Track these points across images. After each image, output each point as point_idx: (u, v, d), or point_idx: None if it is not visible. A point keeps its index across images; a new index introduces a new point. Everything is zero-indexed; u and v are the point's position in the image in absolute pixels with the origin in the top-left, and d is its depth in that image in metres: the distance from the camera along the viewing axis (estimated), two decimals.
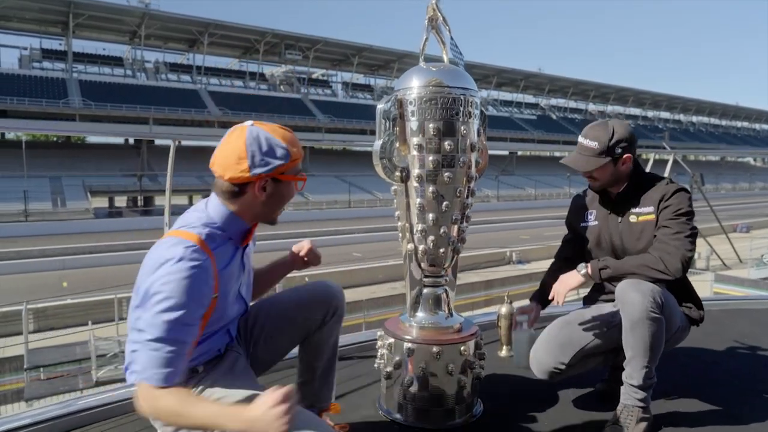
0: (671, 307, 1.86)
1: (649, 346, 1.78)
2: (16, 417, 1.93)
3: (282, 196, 1.46)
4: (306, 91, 55.13)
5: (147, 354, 1.25)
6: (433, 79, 1.90)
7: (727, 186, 70.52)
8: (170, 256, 1.28)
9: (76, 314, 14.48)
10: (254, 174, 1.37)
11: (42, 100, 38.18)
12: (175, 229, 1.39)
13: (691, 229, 1.88)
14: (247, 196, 1.41)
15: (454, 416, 1.99)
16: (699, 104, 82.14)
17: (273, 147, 1.38)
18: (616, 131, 1.94)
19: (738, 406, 2.14)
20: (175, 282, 1.26)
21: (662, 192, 1.95)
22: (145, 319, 1.26)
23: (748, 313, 3.63)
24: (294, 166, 1.44)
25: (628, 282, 1.82)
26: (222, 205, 1.42)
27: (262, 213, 1.46)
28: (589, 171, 1.99)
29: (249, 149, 1.36)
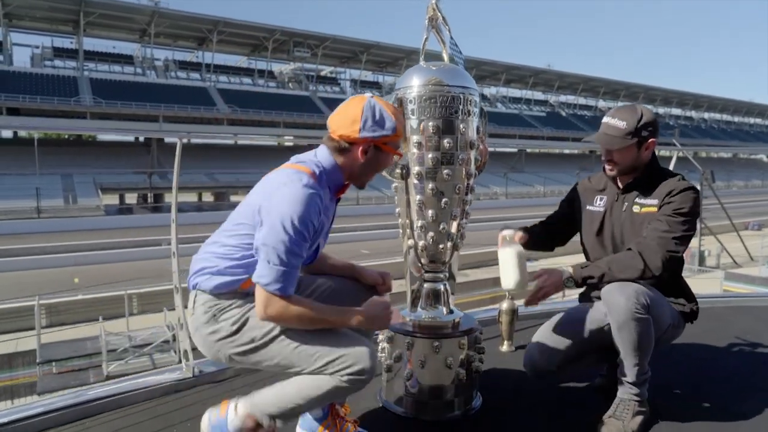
0: (658, 306, 1.85)
1: (637, 345, 1.80)
2: (28, 406, 2.00)
3: (378, 164, 1.67)
4: (314, 88, 55.19)
5: (274, 270, 1.44)
6: (433, 78, 1.94)
7: (739, 183, 69.72)
8: (293, 180, 1.50)
9: (87, 310, 14.66)
10: (362, 136, 1.59)
11: (54, 98, 38.53)
12: (290, 163, 1.60)
13: (684, 230, 1.86)
14: (351, 154, 1.62)
15: (453, 408, 2.03)
16: (711, 101, 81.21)
17: (384, 118, 1.60)
18: (645, 114, 1.94)
19: (734, 402, 2.16)
20: (298, 203, 1.45)
21: (671, 187, 1.93)
22: (272, 237, 1.44)
23: (752, 310, 3.63)
24: (396, 141, 1.66)
25: (614, 284, 1.82)
26: (330, 156, 1.63)
27: (357, 174, 1.66)
28: (615, 149, 1.95)
29: (364, 114, 1.58)
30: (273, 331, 1.52)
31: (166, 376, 2.32)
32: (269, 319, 1.48)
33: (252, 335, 1.52)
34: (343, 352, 1.47)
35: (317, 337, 1.51)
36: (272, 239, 1.44)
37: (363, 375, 1.47)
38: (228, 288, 1.55)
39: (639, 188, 2.00)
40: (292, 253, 1.45)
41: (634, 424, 1.87)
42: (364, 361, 1.47)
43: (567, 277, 1.86)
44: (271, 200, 1.48)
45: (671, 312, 1.96)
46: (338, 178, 1.64)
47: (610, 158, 1.99)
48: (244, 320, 1.54)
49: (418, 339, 1.99)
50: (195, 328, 1.59)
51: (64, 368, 11.32)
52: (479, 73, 59.88)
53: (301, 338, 1.50)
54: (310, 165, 1.58)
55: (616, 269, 1.84)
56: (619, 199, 2.04)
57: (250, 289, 1.54)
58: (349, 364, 1.46)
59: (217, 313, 1.55)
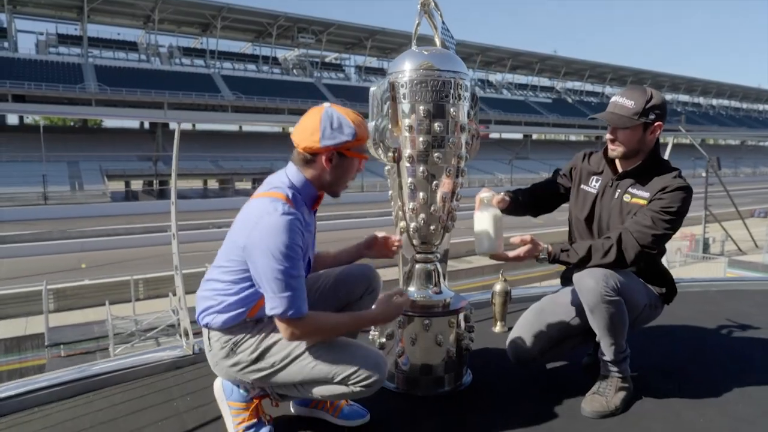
0: (630, 287, 1.89)
1: (611, 326, 1.85)
2: (35, 380, 2.08)
3: (345, 170, 1.69)
4: (319, 74, 54.99)
5: (281, 298, 1.52)
6: (425, 62, 1.97)
7: (746, 170, 69.18)
8: (269, 211, 1.54)
9: (94, 294, 14.85)
10: (324, 145, 1.61)
11: (59, 85, 38.60)
12: (263, 191, 1.64)
13: (665, 229, 1.86)
14: (317, 165, 1.66)
15: (444, 384, 2.10)
16: (719, 87, 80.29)
17: (342, 125, 1.63)
18: (654, 96, 1.91)
19: (718, 380, 2.21)
20: (280, 233, 1.50)
21: (666, 184, 1.90)
22: (267, 271, 1.51)
23: (745, 293, 3.67)
24: (358, 146, 1.68)
25: (584, 270, 1.86)
26: (298, 172, 1.67)
27: (328, 183, 1.70)
28: (620, 129, 1.92)
29: (322, 124, 1.61)
30: (291, 354, 1.62)
31: (167, 353, 2.40)
32: (297, 340, 1.61)
33: (272, 361, 1.63)
34: (357, 366, 1.59)
35: (333, 355, 1.61)
36: (268, 273, 1.51)
37: (375, 385, 1.62)
38: (236, 321, 1.65)
39: (635, 177, 1.99)
40: (291, 277, 1.52)
41: (617, 400, 1.93)
42: (376, 373, 1.61)
43: (544, 256, 1.89)
44: (253, 236, 1.53)
45: (647, 293, 1.99)
46: (311, 192, 1.69)
47: (614, 138, 1.96)
48: (261, 349, 1.64)
49: (409, 317, 2.05)
50: (215, 363, 1.70)
51: (73, 351, 11.52)
52: (485, 59, 59.41)
53: (318, 357, 1.61)
54: (282, 190, 1.62)
55: (592, 257, 1.86)
56: (613, 185, 2.04)
57: (257, 315, 1.65)
58: (364, 376, 1.59)
59: (234, 347, 1.65)
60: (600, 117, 1.96)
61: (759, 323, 2.95)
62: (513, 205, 2.12)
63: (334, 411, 1.85)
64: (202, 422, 1.86)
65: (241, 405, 1.74)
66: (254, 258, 1.53)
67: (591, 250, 1.86)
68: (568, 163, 2.23)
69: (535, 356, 2.07)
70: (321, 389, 1.63)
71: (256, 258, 1.53)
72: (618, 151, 1.97)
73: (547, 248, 1.89)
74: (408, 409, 1.98)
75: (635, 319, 1.95)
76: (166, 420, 1.88)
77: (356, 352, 1.63)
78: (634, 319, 1.94)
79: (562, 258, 1.89)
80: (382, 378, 1.64)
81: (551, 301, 2.16)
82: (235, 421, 1.73)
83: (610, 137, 1.97)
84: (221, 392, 1.76)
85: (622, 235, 1.86)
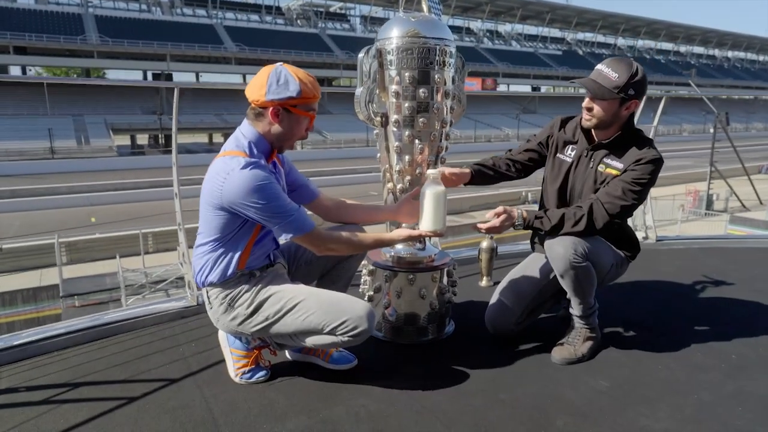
0: (598, 251, 2.01)
1: (579, 288, 2.00)
2: (52, 327, 2.28)
3: (292, 127, 1.78)
4: (323, 25, 53.69)
5: (284, 225, 1.70)
6: (411, 29, 2.05)
7: (758, 125, 67.91)
8: (233, 167, 1.66)
9: (105, 248, 15.22)
10: (269, 99, 1.71)
11: (59, 36, 38.06)
12: (222, 152, 1.75)
13: (634, 199, 1.96)
14: (266, 119, 1.76)
15: (427, 334, 2.28)
16: (735, 38, 77.80)
17: (288, 82, 1.71)
18: (638, 72, 1.93)
19: (682, 333, 2.38)
20: (251, 179, 1.63)
21: (640, 156, 1.98)
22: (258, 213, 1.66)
23: (724, 251, 3.81)
24: (304, 103, 1.75)
25: (554, 238, 1.99)
26: (251, 127, 1.78)
27: (276, 138, 1.79)
28: (599, 99, 1.96)
29: (269, 80, 1.71)
30: (285, 307, 1.77)
31: (173, 304, 2.59)
32: (326, 250, 1.83)
33: (266, 314, 1.78)
34: (345, 317, 1.72)
35: (323, 307, 1.75)
36: (263, 214, 1.67)
37: (362, 335, 1.75)
38: (228, 276, 1.80)
39: (609, 147, 2.05)
40: (283, 207, 1.68)
41: (584, 349, 2.10)
42: (363, 323, 1.73)
43: (519, 222, 2.02)
44: (228, 195, 1.65)
45: (613, 254, 2.13)
46: (264, 145, 1.78)
47: (590, 108, 2.00)
48: (257, 303, 1.79)
49: (395, 272, 2.21)
50: (216, 319, 1.87)
51: (86, 302, 11.95)
52: (494, 9, 57.61)
53: (309, 310, 1.75)
54: (240, 147, 1.74)
55: (564, 225, 1.98)
56: (588, 154, 2.10)
57: (247, 266, 1.81)
58: (352, 326, 1.73)
59: (231, 302, 1.81)
60: (580, 83, 2.00)
61: (733, 279, 3.09)
62: (479, 177, 2.23)
63: (324, 356, 2.02)
64: (206, 365, 2.05)
65: (242, 353, 1.92)
66: (244, 211, 1.67)
67: (563, 219, 1.99)
68: (544, 131, 2.29)
69: (512, 327, 2.22)
70: (313, 339, 1.79)
71: (245, 210, 1.67)
72: (592, 121, 2.03)
73: (522, 214, 2.01)
74: (393, 356, 2.16)
75: (603, 279, 2.11)
76: (174, 363, 2.07)
77: (345, 305, 1.76)
78: (602, 279, 2.10)
79: (536, 224, 2.02)
80: (369, 328, 1.76)
81: (522, 273, 2.29)
82: (235, 366, 1.93)
83: (587, 106, 2.01)
84: (225, 340, 1.95)
85: (593, 205, 1.97)
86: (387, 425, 1.66)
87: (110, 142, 34.86)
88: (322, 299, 1.79)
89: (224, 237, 1.77)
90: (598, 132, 2.08)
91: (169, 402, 1.80)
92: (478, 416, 1.71)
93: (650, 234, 3.84)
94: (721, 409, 1.77)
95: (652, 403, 1.80)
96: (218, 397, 1.82)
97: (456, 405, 1.78)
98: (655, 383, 1.93)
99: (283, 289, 1.81)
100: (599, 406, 1.78)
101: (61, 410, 1.75)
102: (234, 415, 1.72)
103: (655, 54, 75.60)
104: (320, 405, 1.78)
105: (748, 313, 2.62)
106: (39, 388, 1.89)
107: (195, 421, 1.68)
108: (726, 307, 2.72)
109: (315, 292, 1.83)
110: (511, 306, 2.21)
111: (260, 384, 1.91)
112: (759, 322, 2.48)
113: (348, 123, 42.12)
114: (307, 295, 1.79)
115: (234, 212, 1.70)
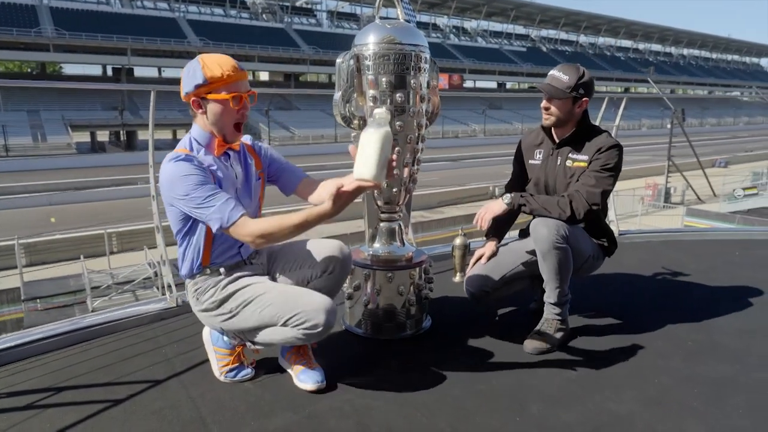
0: (578, 238, 2.20)
1: (558, 270, 2.14)
2: (31, 332, 2.27)
3: (216, 113, 1.75)
4: (289, 20, 53.10)
5: (211, 216, 1.67)
6: (388, 35, 2.11)
7: (712, 121, 70.69)
8: (163, 163, 1.71)
9: (68, 249, 14.78)
10: (185, 93, 1.74)
11: (12, 29, 36.50)
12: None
13: (607, 185, 2.19)
14: (198, 114, 1.78)
15: (406, 329, 2.36)
16: (690, 36, 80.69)
17: (195, 71, 1.71)
18: (585, 75, 2.21)
19: (643, 319, 2.53)
20: (176, 172, 1.67)
21: (600, 144, 2.23)
22: (185, 205, 1.68)
23: (682, 243, 4.03)
24: (216, 87, 1.71)
25: (539, 219, 2.16)
26: (195, 124, 1.82)
27: (214, 127, 1.78)
28: (554, 99, 2.21)
29: (184, 73, 1.74)
30: (245, 301, 1.80)
31: (153, 306, 2.60)
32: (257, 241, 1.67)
33: (229, 307, 1.82)
34: (299, 310, 1.70)
35: (281, 300, 1.75)
36: (188, 208, 1.69)
37: (316, 329, 1.70)
38: (195, 270, 1.85)
39: (571, 144, 2.29)
40: (208, 197, 1.66)
41: (555, 339, 2.22)
42: (317, 318, 1.69)
43: (507, 201, 2.20)
44: (163, 190, 1.72)
45: (592, 246, 2.31)
46: (206, 138, 1.80)
47: (548, 107, 2.26)
48: (220, 297, 1.83)
49: (374, 271, 2.28)
50: (195, 312, 1.93)
51: (50, 305, 11.60)
52: (460, 5, 58.10)
53: (267, 302, 1.76)
54: (183, 144, 1.80)
55: (548, 208, 2.16)
56: (554, 153, 2.34)
57: (212, 261, 1.84)
58: (305, 320, 1.70)
59: (199, 295, 1.86)
60: (539, 87, 2.26)
61: (690, 271, 3.29)
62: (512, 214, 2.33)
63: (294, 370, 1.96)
64: (190, 365, 2.08)
65: (225, 351, 1.96)
66: (174, 204, 1.71)
67: (547, 202, 2.17)
68: (515, 152, 2.52)
69: (488, 291, 2.36)
70: (271, 333, 1.77)
71: (174, 203, 1.71)
72: (550, 120, 2.28)
73: (509, 197, 2.21)
74: (375, 352, 2.23)
75: (580, 267, 2.26)
76: (157, 365, 2.10)
77: (303, 299, 1.74)
78: (579, 267, 2.25)
79: (521, 202, 2.19)
80: (327, 323, 1.69)
81: (506, 249, 2.46)
82: (219, 364, 1.97)
83: (546, 106, 2.26)
84: (209, 338, 1.99)
85: (574, 194, 2.16)
86: (371, 419, 1.74)
87: (68, 139, 33.71)
88: (282, 292, 1.79)
89: (182, 230, 1.81)
90: (557, 130, 2.33)
91: (156, 403, 1.83)
92: (458, 406, 1.81)
93: (613, 228, 4.02)
94: (679, 392, 1.91)
95: (617, 387, 1.93)
96: (205, 396, 1.86)
97: (436, 396, 1.87)
98: (620, 369, 2.07)
99: (247, 283, 1.83)
100: (569, 392, 1.90)
101: (47, 414, 1.76)
102: (221, 413, 1.76)
103: (615, 51, 77.73)
104: (306, 401, 1.84)
105: (704, 302, 2.81)
106: (21, 394, 1.89)
107: (183, 421, 1.72)
108: (684, 296, 2.90)
109: (278, 287, 1.84)
110: (490, 272, 2.36)
111: (246, 382, 1.95)
112: (713, 310, 2.66)
113: (315, 119, 41.92)
114: (268, 290, 1.80)
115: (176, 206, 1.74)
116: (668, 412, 1.78)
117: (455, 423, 1.71)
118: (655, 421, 1.73)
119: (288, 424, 1.70)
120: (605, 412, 1.78)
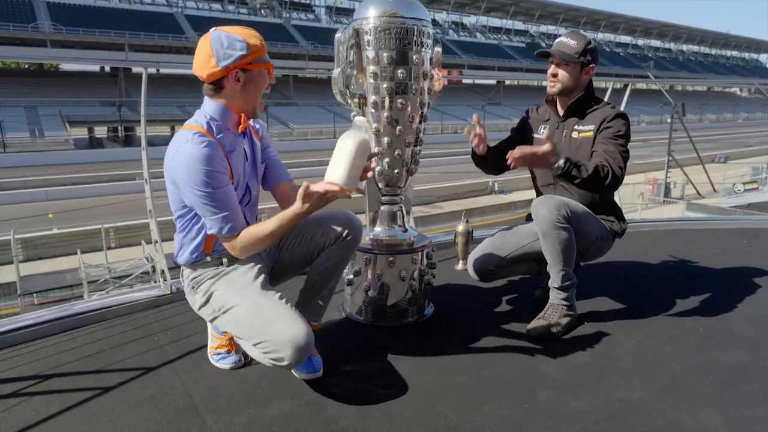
0: (582, 218, 2.12)
1: (560, 251, 2.07)
2: (18, 318, 2.19)
3: (256, 84, 1.68)
4: (288, 15, 52.85)
5: (215, 219, 1.61)
6: (388, 9, 2.03)
7: (711, 116, 70.58)
8: (181, 143, 1.58)
9: (64, 244, 14.69)
10: (223, 66, 1.61)
11: (9, 24, 36.24)
12: (184, 125, 1.66)
13: (623, 152, 2.14)
14: (227, 89, 1.65)
15: (407, 316, 2.28)
16: (690, 32, 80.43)
17: (232, 42, 1.61)
18: (591, 42, 2.23)
19: (651, 309, 2.45)
20: (193, 162, 1.55)
21: (605, 114, 2.21)
22: (194, 199, 1.59)
23: (685, 232, 3.95)
24: (257, 57, 1.65)
25: (539, 199, 2.11)
26: (213, 102, 1.68)
27: (244, 102, 1.69)
28: (564, 63, 2.20)
29: (213, 48, 1.60)
30: (223, 307, 1.70)
31: (146, 293, 2.51)
32: (241, 255, 1.68)
33: (214, 307, 1.74)
34: (266, 338, 1.57)
35: (254, 318, 1.62)
36: (195, 201, 1.60)
37: (281, 362, 1.56)
38: (196, 258, 1.76)
39: (576, 114, 2.26)
40: (219, 200, 1.59)
41: (559, 324, 2.15)
42: (283, 352, 1.54)
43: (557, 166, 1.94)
44: (173, 167, 1.59)
45: (599, 226, 2.23)
46: (230, 116, 1.68)
47: (556, 74, 2.25)
48: (209, 294, 1.74)
49: (375, 255, 2.20)
50: (187, 298, 1.84)
51: (46, 299, 11.51)
52: (459, 1, 57.85)
53: (240, 316, 1.65)
54: (200, 122, 1.65)
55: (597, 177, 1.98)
56: (560, 126, 2.31)
57: (215, 250, 1.75)
58: (271, 350, 1.57)
59: (195, 285, 1.78)
60: (551, 51, 2.23)
61: (696, 258, 3.22)
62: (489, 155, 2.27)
63: None
64: (183, 353, 2.00)
65: (218, 334, 1.89)
66: (182, 189, 1.61)
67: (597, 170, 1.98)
68: (520, 120, 2.48)
69: (492, 269, 2.31)
70: (245, 345, 1.69)
71: (183, 189, 1.61)
72: (557, 87, 2.26)
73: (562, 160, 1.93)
74: (376, 339, 2.15)
75: (588, 250, 2.19)
76: (149, 352, 2.01)
77: (272, 326, 1.58)
78: (587, 250, 2.18)
79: (574, 173, 1.94)
80: (293, 359, 1.55)
81: (512, 229, 2.41)
82: (211, 345, 1.91)
83: (553, 72, 2.24)
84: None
85: (604, 159, 2.07)
86: (374, 405, 1.66)
87: (66, 135, 33.52)
88: (254, 309, 1.64)
89: (184, 215, 1.71)
90: (562, 99, 2.29)
91: (147, 390, 1.75)
92: (463, 393, 1.73)
93: None
94: (693, 378, 1.83)
95: (627, 374, 1.85)
96: (198, 384, 1.78)
97: (441, 383, 1.79)
98: (630, 356, 1.99)
99: (229, 288, 1.72)
100: (578, 379, 1.82)
101: (32, 402, 1.68)
102: (216, 400, 1.68)
103: (614, 47, 77.46)
104: (305, 388, 1.76)
105: (713, 289, 2.73)
106: (7, 381, 1.81)
107: (175, 408, 1.64)
108: (692, 284, 2.83)
109: (255, 299, 1.67)
110: (496, 250, 2.32)
111: (242, 369, 1.87)
112: (722, 297, 2.58)
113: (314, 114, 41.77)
114: (243, 301, 1.67)
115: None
116: (683, 400, 1.70)
117: (460, 411, 1.64)
118: (670, 409, 1.65)
119: (286, 412, 1.62)
120: (617, 399, 1.70)
